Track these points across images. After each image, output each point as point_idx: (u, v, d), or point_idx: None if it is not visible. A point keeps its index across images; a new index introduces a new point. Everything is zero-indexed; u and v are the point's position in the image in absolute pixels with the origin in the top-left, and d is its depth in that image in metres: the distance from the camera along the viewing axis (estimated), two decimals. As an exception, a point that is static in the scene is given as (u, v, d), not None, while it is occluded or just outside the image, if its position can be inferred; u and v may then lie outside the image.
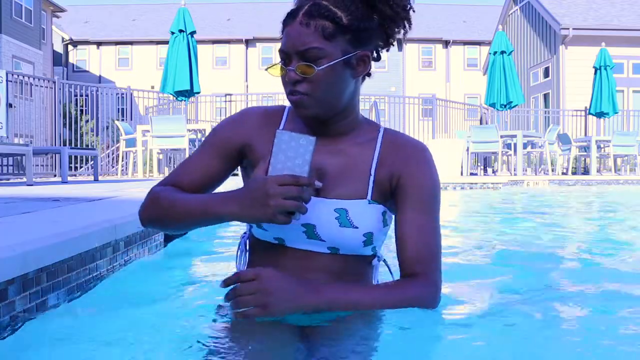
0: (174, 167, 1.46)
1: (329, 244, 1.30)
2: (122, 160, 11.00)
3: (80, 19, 32.35)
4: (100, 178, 8.81)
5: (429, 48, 31.05)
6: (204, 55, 25.45)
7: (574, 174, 13.15)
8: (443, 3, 35.72)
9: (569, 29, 17.96)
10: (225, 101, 14.21)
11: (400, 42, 30.04)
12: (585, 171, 13.67)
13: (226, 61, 30.46)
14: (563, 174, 12.88)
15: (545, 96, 20.04)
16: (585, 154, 13.18)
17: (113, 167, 12.96)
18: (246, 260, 1.43)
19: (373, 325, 1.26)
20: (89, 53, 30.99)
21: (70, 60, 31.07)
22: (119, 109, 13.26)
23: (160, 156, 10.56)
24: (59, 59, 29.88)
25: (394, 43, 1.35)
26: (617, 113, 13.29)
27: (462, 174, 10.74)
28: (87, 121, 14.21)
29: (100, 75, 30.11)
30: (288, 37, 1.24)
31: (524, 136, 11.97)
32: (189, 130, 9.27)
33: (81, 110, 14.57)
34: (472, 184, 8.47)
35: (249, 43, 30.42)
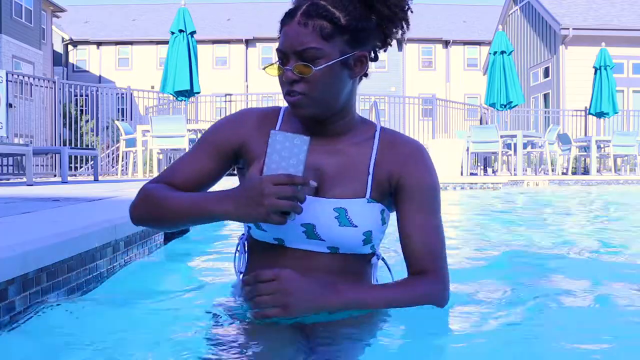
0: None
1: (329, 244, 1.30)
2: (122, 160, 11.00)
3: (80, 19, 32.36)
4: (100, 178, 8.81)
5: (429, 48, 31.05)
6: (204, 55, 25.45)
7: (574, 174, 13.15)
8: (443, 3, 35.72)
9: (569, 29, 17.96)
10: (225, 101, 14.21)
11: (400, 42, 30.05)
12: (585, 171, 13.67)
13: (226, 61, 30.46)
14: (563, 174, 12.87)
15: (545, 96, 20.04)
16: (585, 154, 13.18)
17: (113, 167, 12.97)
18: (245, 262, 1.42)
19: (373, 325, 1.26)
20: (89, 53, 30.99)
21: (70, 60, 31.08)
22: (119, 109, 13.26)
23: (160, 156, 10.56)
24: (59, 59, 29.88)
25: (391, 43, 1.35)
26: (617, 113, 13.28)
27: (462, 174, 10.74)
28: (87, 121, 14.20)
29: (100, 75, 30.11)
30: (286, 37, 1.24)
31: (524, 136, 11.96)
32: (189, 130, 9.27)
33: (81, 110, 14.56)
34: (472, 184, 8.47)
35: (249, 43, 30.42)
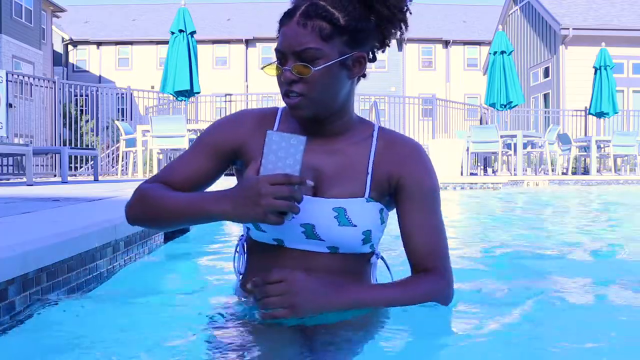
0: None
1: (328, 244, 1.30)
2: (122, 160, 11.00)
3: (80, 19, 32.35)
4: (100, 178, 8.81)
5: (429, 48, 31.05)
6: (204, 55, 25.45)
7: (574, 174, 13.15)
8: (443, 3, 35.71)
9: (569, 29, 17.95)
10: (225, 101, 14.20)
11: (400, 42, 30.08)
12: (585, 171, 13.66)
13: (226, 61, 30.46)
14: (563, 174, 12.87)
15: (545, 96, 20.04)
16: (585, 154, 13.17)
17: (113, 167, 12.96)
18: (244, 263, 1.42)
19: (373, 327, 1.26)
20: (89, 53, 30.99)
21: (70, 60, 31.08)
22: (119, 109, 13.26)
23: (160, 156, 10.56)
24: (59, 59, 29.88)
25: (389, 44, 1.35)
26: (617, 113, 13.28)
27: (462, 174, 10.74)
28: (87, 121, 14.20)
29: (100, 75, 30.11)
30: (285, 37, 1.24)
31: (524, 136, 11.96)
32: (189, 130, 9.27)
33: (81, 110, 14.56)
34: (472, 184, 8.47)
35: (249, 43, 30.42)
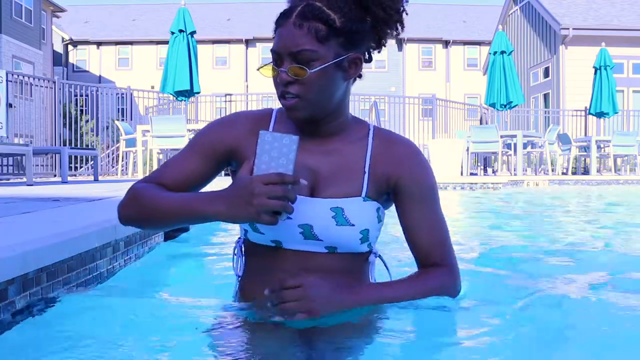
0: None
1: (327, 244, 1.30)
2: (122, 160, 11.00)
3: (80, 19, 32.35)
4: (100, 178, 8.81)
5: (429, 48, 31.04)
6: (204, 55, 25.45)
7: (574, 174, 13.15)
8: (443, 3, 35.73)
9: (569, 29, 17.95)
10: (225, 101, 14.20)
11: (400, 42, 30.07)
12: (585, 171, 13.66)
13: (226, 61, 30.45)
14: (563, 174, 12.87)
15: (545, 96, 20.04)
16: (585, 154, 13.17)
17: (113, 167, 12.97)
18: (243, 265, 1.42)
19: (373, 329, 1.27)
20: (89, 53, 30.99)
21: (70, 60, 31.07)
22: (119, 109, 13.26)
23: (160, 156, 10.56)
24: (59, 59, 29.88)
25: (385, 44, 1.35)
26: (617, 113, 13.28)
27: (462, 174, 10.74)
28: (87, 121, 14.20)
29: (100, 75, 30.10)
30: (281, 38, 1.24)
31: (524, 136, 11.96)
32: (189, 130, 9.27)
33: (81, 110, 14.56)
34: (472, 184, 8.47)
35: (249, 43, 30.42)
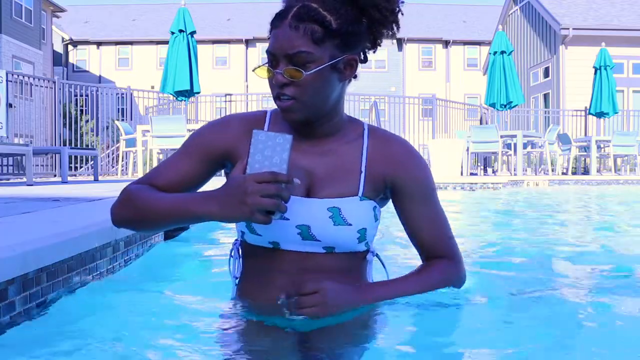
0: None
1: (324, 244, 1.30)
2: (122, 160, 11.00)
3: (80, 19, 32.35)
4: (100, 178, 8.81)
5: (429, 48, 31.05)
6: (204, 55, 25.44)
7: (574, 174, 13.14)
8: (443, 3, 35.74)
9: (569, 29, 17.95)
10: (225, 101, 14.19)
11: (400, 42, 30.07)
12: (585, 171, 13.66)
13: (226, 61, 30.46)
14: (563, 174, 12.87)
15: (545, 96, 20.04)
16: (585, 154, 13.17)
17: (113, 167, 12.97)
18: (240, 267, 1.42)
19: (370, 329, 1.28)
20: (89, 53, 30.99)
21: (70, 60, 31.08)
22: (119, 109, 13.26)
23: (161, 156, 10.56)
24: (59, 59, 29.88)
25: (381, 44, 1.35)
26: (617, 113, 13.27)
27: (462, 174, 10.74)
28: (87, 121, 14.20)
29: (100, 75, 30.11)
30: (276, 39, 1.23)
31: (524, 136, 11.96)
32: (189, 130, 9.27)
33: (81, 110, 14.56)
34: (472, 184, 8.46)
35: (249, 43, 30.42)
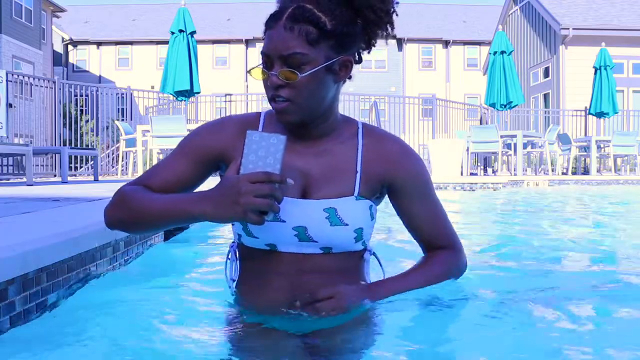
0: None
1: (322, 244, 1.31)
2: (122, 160, 11.00)
3: (80, 19, 32.35)
4: (100, 178, 8.81)
5: (429, 48, 31.04)
6: (204, 55, 25.44)
7: (574, 174, 13.14)
8: (443, 3, 35.74)
9: (569, 29, 17.95)
10: (225, 101, 14.19)
11: (400, 42, 30.06)
12: (585, 171, 13.66)
13: (226, 61, 30.46)
14: (563, 174, 12.87)
15: (545, 96, 20.03)
16: (585, 154, 13.17)
17: (113, 167, 12.97)
18: (237, 269, 1.42)
19: (371, 330, 1.29)
20: (89, 53, 30.99)
21: (70, 60, 31.07)
22: (119, 109, 13.26)
23: (161, 156, 10.56)
24: (59, 59, 29.88)
25: (375, 45, 1.35)
26: (617, 113, 13.27)
27: (462, 174, 10.74)
28: (87, 121, 14.20)
29: (100, 75, 30.10)
30: (271, 40, 1.23)
31: (524, 136, 11.95)
32: (189, 130, 9.26)
33: (81, 110, 14.56)
34: (472, 184, 8.46)
35: (249, 43, 30.42)
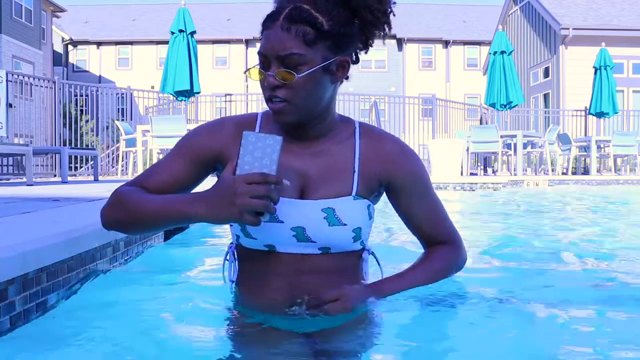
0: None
1: (320, 245, 1.31)
2: (122, 160, 11.00)
3: (80, 19, 32.35)
4: (100, 178, 8.81)
5: (429, 48, 31.03)
6: (204, 55, 25.44)
7: (574, 174, 13.14)
8: (443, 3, 35.74)
9: (569, 29, 17.95)
10: (225, 101, 14.19)
11: (400, 42, 30.06)
12: (585, 171, 13.66)
13: (226, 61, 30.45)
14: (563, 174, 12.87)
15: (545, 96, 20.03)
16: (585, 154, 13.17)
17: (113, 167, 12.97)
18: (236, 270, 1.42)
19: (374, 330, 1.29)
20: (89, 53, 30.98)
21: (70, 60, 31.07)
22: (119, 109, 13.26)
23: (160, 156, 10.55)
24: (59, 59, 29.87)
25: (372, 45, 1.35)
26: (617, 113, 13.26)
27: (462, 174, 10.74)
28: (87, 121, 14.20)
29: (100, 75, 30.10)
30: (268, 41, 1.23)
31: (524, 136, 11.95)
32: (189, 130, 9.26)
33: (81, 110, 14.55)
34: (472, 184, 8.46)
35: (249, 43, 30.41)
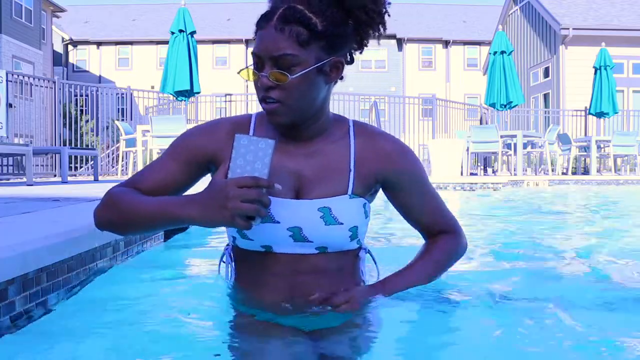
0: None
1: (317, 244, 1.31)
2: (122, 160, 11.00)
3: (80, 19, 32.35)
4: (100, 178, 8.81)
5: (429, 48, 31.04)
6: (204, 55, 25.44)
7: (574, 174, 13.14)
8: (443, 3, 35.75)
9: (569, 29, 17.95)
10: (225, 101, 14.18)
11: (400, 42, 30.06)
12: (585, 171, 13.66)
13: (226, 61, 30.46)
14: (563, 174, 12.87)
15: (545, 96, 20.03)
16: (585, 154, 13.17)
17: (113, 167, 12.97)
18: (234, 271, 1.41)
19: (375, 329, 1.29)
20: (89, 53, 30.99)
21: (70, 60, 31.07)
22: (119, 109, 13.26)
23: (160, 156, 10.56)
24: (59, 59, 29.88)
25: (367, 45, 1.35)
26: (617, 113, 13.26)
27: (462, 174, 10.74)
28: (87, 121, 14.21)
29: (100, 75, 30.10)
30: (262, 41, 1.22)
31: (524, 136, 11.95)
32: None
33: (81, 110, 14.56)
34: (472, 184, 8.46)
35: (249, 43, 30.41)
